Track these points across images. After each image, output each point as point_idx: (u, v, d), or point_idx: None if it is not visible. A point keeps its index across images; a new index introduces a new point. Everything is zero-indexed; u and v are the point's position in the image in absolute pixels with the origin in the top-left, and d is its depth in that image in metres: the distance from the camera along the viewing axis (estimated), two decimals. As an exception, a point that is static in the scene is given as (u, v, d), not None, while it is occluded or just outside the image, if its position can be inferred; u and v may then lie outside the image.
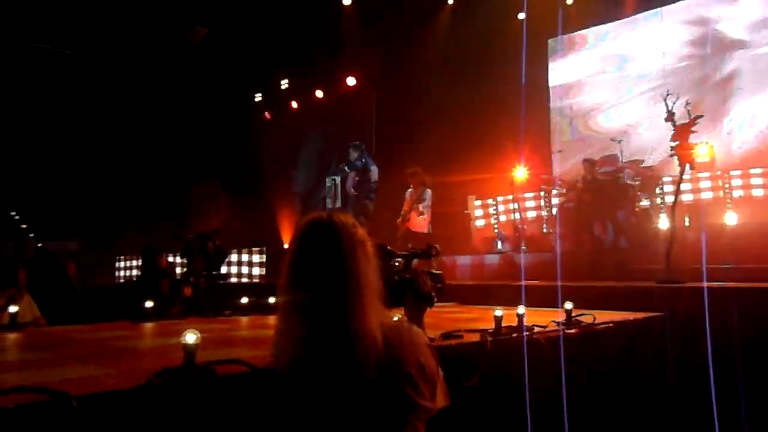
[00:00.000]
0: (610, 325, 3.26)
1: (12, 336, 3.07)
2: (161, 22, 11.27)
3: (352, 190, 8.33)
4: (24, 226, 16.60)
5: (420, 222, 8.22)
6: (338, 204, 8.92)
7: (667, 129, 5.69)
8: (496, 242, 9.64)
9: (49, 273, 5.76)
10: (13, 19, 11.43)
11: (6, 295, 4.03)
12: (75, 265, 9.31)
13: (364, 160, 8.30)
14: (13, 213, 18.10)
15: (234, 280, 10.71)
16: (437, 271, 2.40)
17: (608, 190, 8.13)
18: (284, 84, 14.11)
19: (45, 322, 4.10)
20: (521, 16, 10.51)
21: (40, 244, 15.92)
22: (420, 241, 8.21)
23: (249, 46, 12.99)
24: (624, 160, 8.72)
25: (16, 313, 3.34)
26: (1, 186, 18.32)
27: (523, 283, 6.07)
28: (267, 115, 15.10)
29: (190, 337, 1.72)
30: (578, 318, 3.18)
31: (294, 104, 14.25)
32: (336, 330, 1.44)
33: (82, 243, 15.82)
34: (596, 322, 3.19)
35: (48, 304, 4.57)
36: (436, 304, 2.28)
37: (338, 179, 8.82)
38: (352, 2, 11.03)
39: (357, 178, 8.23)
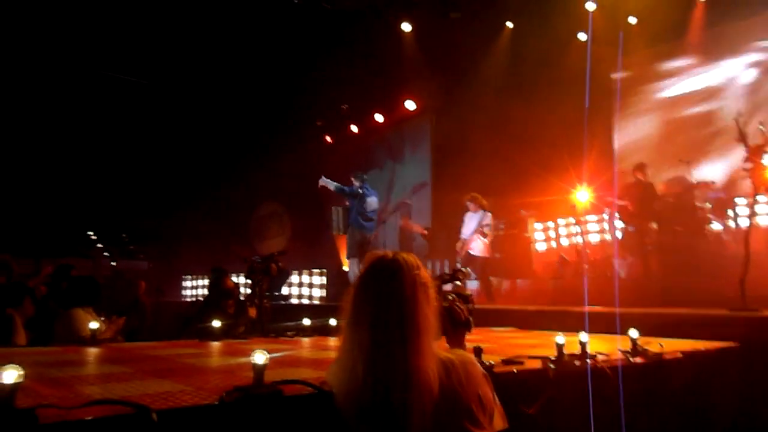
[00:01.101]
0: (679, 355, 3.15)
1: (93, 351, 3.27)
2: (226, 49, 11.76)
3: (351, 217, 8.58)
4: (100, 245, 17.54)
5: (480, 246, 8.19)
6: (341, 232, 8.95)
7: (740, 150, 5.47)
8: (558, 266, 9.45)
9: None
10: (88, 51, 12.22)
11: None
12: (145, 284, 9.79)
13: (362, 191, 8.49)
14: (91, 233, 19.18)
15: (295, 301, 10.92)
16: (467, 293, 2.41)
17: (676, 212, 7.86)
18: (344, 108, 14.42)
19: (122, 339, 4.32)
20: (582, 37, 10.39)
21: (114, 263, 16.75)
22: (478, 264, 8.19)
23: (311, 72, 13.41)
24: (694, 182, 8.41)
25: (96, 329, 3.55)
26: (80, 207, 19.49)
27: (586, 309, 5.93)
28: (328, 138, 15.44)
29: (260, 358, 1.80)
30: (644, 347, 3.09)
31: (354, 128, 14.52)
32: (395, 372, 1.48)
33: (152, 262, 16.55)
34: (664, 351, 3.09)
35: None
36: (494, 329, 2.29)
37: (339, 210, 8.87)
38: (412, 28, 11.21)
39: (354, 210, 8.48)
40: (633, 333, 3.11)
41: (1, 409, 1.38)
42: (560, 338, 2.76)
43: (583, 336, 2.85)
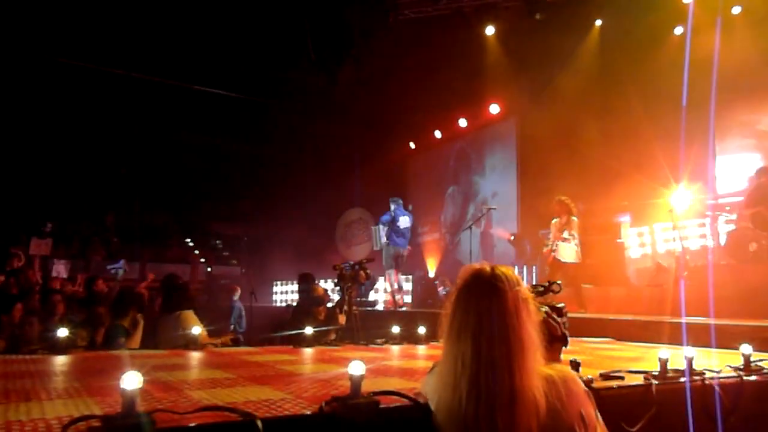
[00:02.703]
0: (801, 374, 2.89)
1: (197, 355, 3.46)
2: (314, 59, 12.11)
3: (384, 237, 10.06)
4: (196, 252, 18.53)
5: (568, 251, 7.93)
6: (378, 248, 10.52)
7: None
8: (654, 273, 8.96)
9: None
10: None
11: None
12: (239, 288, 10.26)
13: (394, 214, 10.03)
14: (188, 240, 20.32)
15: (381, 307, 11.04)
16: (560, 304, 2.32)
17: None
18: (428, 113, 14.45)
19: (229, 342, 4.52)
20: (678, 31, 9.85)
21: (209, 269, 17.63)
22: (568, 270, 7.92)
23: (396, 79, 13.56)
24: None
25: (199, 334, 3.76)
26: (178, 217, 20.73)
27: (685, 319, 5.59)
28: (411, 144, 15.52)
29: (357, 369, 1.84)
30: (758, 364, 2.86)
31: (438, 134, 14.51)
32: (501, 390, 1.46)
33: (244, 268, 17.27)
34: (782, 369, 2.85)
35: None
36: (589, 339, 2.21)
37: (379, 227, 10.53)
38: (496, 31, 11.08)
39: (386, 229, 10.03)
40: (746, 348, 2.89)
41: (126, 412, 1.49)
42: (664, 352, 2.62)
43: (689, 350, 2.68)
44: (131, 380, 1.49)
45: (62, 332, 3.35)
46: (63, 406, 1.82)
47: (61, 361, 3.06)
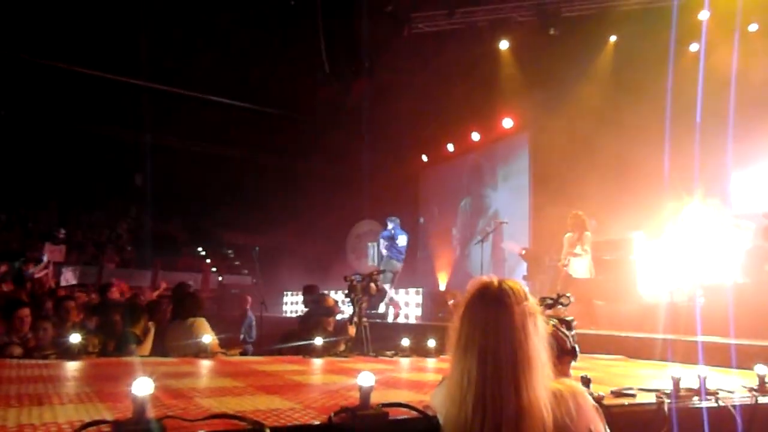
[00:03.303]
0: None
1: (207, 363, 3.47)
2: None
3: (384, 250, 10.59)
4: (208, 261, 18.62)
5: (580, 267, 7.87)
6: (375, 263, 11.58)
7: None
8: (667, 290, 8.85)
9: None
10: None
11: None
12: (250, 298, 10.28)
13: (393, 232, 10.53)
14: (199, 249, 20.43)
15: (391, 319, 11.02)
16: (569, 317, 2.30)
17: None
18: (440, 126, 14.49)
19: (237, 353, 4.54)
20: (693, 47, 9.83)
21: (220, 278, 17.69)
22: (580, 286, 7.87)
23: (408, 93, 13.63)
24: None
25: (210, 342, 3.77)
26: (190, 226, 20.89)
27: (700, 338, 5.51)
28: (424, 157, 15.54)
29: (366, 380, 1.84)
30: (774, 384, 2.82)
31: (450, 147, 14.52)
32: (508, 407, 1.45)
33: (256, 278, 17.29)
34: (797, 391, 2.80)
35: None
36: (600, 356, 2.19)
37: (376, 244, 11.46)
38: (510, 46, 11.11)
39: (387, 244, 10.56)
40: (761, 368, 2.85)
41: (137, 418, 1.50)
42: (676, 371, 2.59)
43: (702, 370, 2.65)
44: (142, 386, 1.50)
45: (75, 338, 3.37)
46: (74, 410, 1.83)
47: (73, 366, 3.09)
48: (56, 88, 14.87)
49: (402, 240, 10.57)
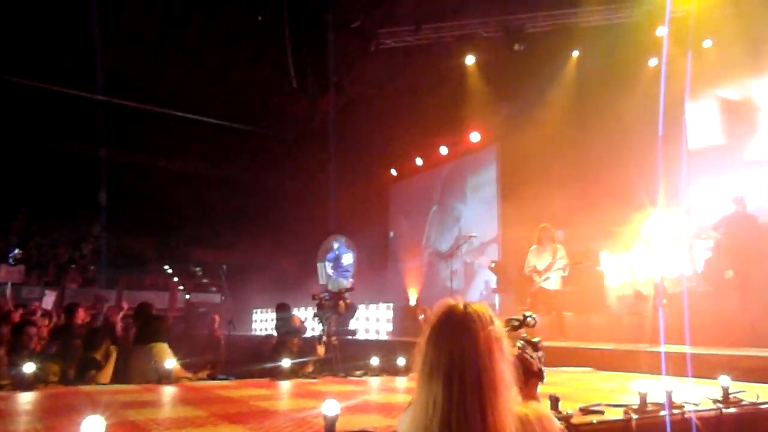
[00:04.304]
0: (778, 405, 2.89)
1: (170, 390, 3.36)
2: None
3: (331, 270, 11.09)
4: (175, 279, 18.26)
5: (556, 280, 7.94)
6: (323, 282, 11.66)
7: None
8: (633, 301, 9.00)
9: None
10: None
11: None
12: (219, 318, 10.07)
13: (337, 252, 11.07)
14: (166, 267, 20.03)
15: (362, 336, 10.95)
16: (536, 339, 2.29)
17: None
18: (409, 141, 14.55)
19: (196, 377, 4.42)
20: (652, 63, 10.10)
21: (188, 296, 17.35)
22: (551, 298, 7.93)
23: (376, 108, 13.67)
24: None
25: (173, 368, 3.66)
26: (156, 243, 20.49)
27: (664, 349, 5.59)
28: (393, 171, 15.58)
29: (331, 409, 1.79)
30: (737, 395, 2.86)
31: (419, 161, 14.58)
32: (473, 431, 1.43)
33: (224, 296, 17.04)
34: (760, 401, 2.84)
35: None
36: (569, 369, 2.18)
37: (324, 264, 11.80)
38: (476, 61, 11.25)
39: (332, 264, 11.04)
40: (724, 380, 2.89)
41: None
42: (642, 385, 2.60)
43: (668, 383, 2.67)
44: (92, 426, 1.43)
45: (29, 368, 3.23)
46: (22, 450, 1.74)
47: (26, 398, 2.95)
48: (14, 104, 14.48)
49: (347, 258, 11.14)
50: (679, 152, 10.10)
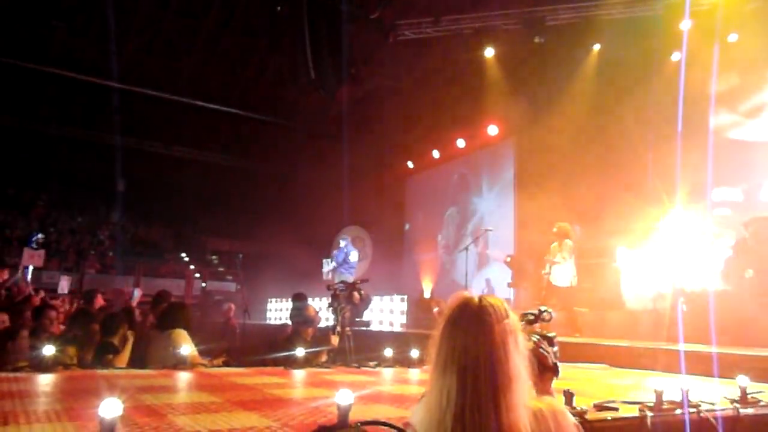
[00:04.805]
0: (798, 406, 2.84)
1: (185, 375, 3.40)
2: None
3: (337, 266, 11.30)
4: (192, 267, 18.42)
5: (561, 275, 7.88)
6: (330, 277, 12.04)
7: None
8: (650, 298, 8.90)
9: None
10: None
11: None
12: (234, 306, 10.16)
13: (346, 251, 11.16)
14: (183, 255, 20.22)
15: (375, 327, 10.97)
16: (551, 333, 2.27)
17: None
18: (426, 133, 14.50)
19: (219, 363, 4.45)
20: (675, 57, 9.93)
21: (204, 284, 17.51)
22: (562, 294, 7.88)
23: (393, 99, 13.63)
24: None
25: (189, 354, 3.70)
26: (174, 232, 20.69)
27: (683, 347, 5.53)
28: (410, 163, 15.54)
29: (345, 398, 1.79)
30: (755, 395, 2.81)
31: (436, 154, 14.53)
32: (486, 426, 1.41)
33: (240, 285, 17.14)
34: (779, 402, 2.80)
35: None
36: (584, 365, 2.16)
37: (330, 261, 12.18)
38: (495, 54, 11.15)
39: (341, 261, 11.20)
40: (742, 380, 2.84)
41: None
42: (658, 383, 2.57)
43: (685, 382, 2.64)
44: (110, 407, 1.44)
45: (49, 350, 3.29)
46: (41, 431, 1.77)
47: (45, 380, 3.00)
48: (37, 92, 14.68)
49: (354, 256, 11.39)
50: (704, 148, 9.93)
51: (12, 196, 18.44)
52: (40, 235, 12.11)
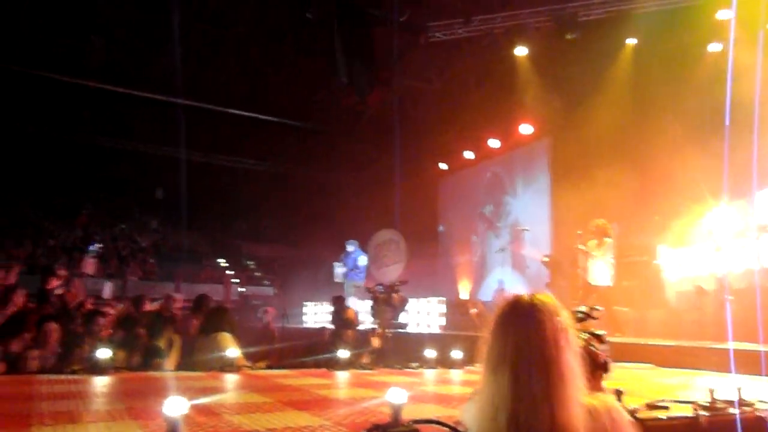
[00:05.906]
0: None
1: (233, 377, 3.48)
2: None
3: (348, 271, 11.64)
4: (229, 272, 18.73)
5: (600, 274, 7.76)
6: (339, 280, 12.17)
7: None
8: (695, 297, 8.68)
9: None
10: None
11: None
12: (273, 310, 10.29)
13: (354, 256, 11.57)
14: (221, 260, 20.58)
15: (413, 329, 10.97)
16: (601, 331, 2.25)
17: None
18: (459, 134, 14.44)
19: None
20: (712, 48, 9.67)
21: (241, 289, 17.78)
22: (601, 293, 7.75)
23: (425, 101, 13.63)
24: None
25: (235, 357, 3.78)
26: (211, 238, 21.09)
27: (732, 345, 5.38)
28: (443, 165, 15.50)
29: (398, 397, 1.82)
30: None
31: (469, 155, 14.45)
32: (540, 423, 1.42)
33: (277, 289, 17.38)
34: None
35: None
36: (628, 365, 2.15)
37: (340, 265, 12.26)
38: (528, 52, 11.05)
39: (351, 266, 11.55)
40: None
41: None
42: (711, 381, 2.53)
43: (736, 381, 2.59)
44: (175, 406, 1.50)
45: (103, 353, 3.40)
46: (107, 429, 1.84)
47: (101, 382, 3.11)
48: (78, 104, 15.15)
49: (363, 260, 11.79)
50: (749, 142, 9.62)
51: (58, 206, 19.10)
52: (97, 245, 12.56)
